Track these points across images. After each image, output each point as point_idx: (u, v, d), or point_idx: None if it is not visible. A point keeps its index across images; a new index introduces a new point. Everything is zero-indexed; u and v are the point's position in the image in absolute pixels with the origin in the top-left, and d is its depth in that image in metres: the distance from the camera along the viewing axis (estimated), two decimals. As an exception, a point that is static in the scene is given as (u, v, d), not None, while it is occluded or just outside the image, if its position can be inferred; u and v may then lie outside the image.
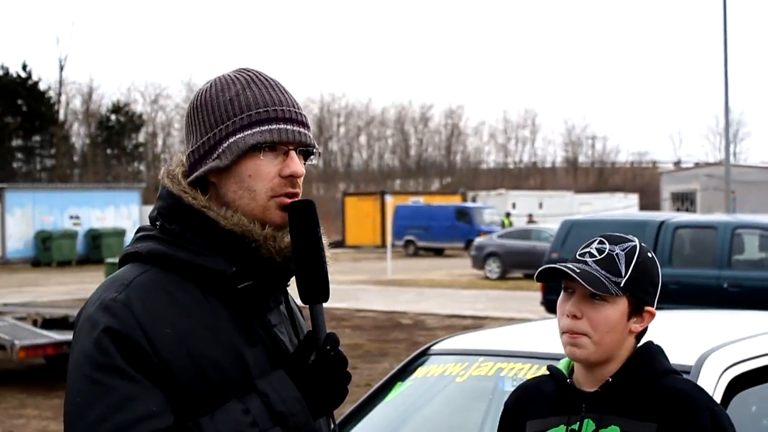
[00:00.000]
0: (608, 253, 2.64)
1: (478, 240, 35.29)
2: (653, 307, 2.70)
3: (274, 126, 2.21)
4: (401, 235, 47.81)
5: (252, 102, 2.22)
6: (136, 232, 2.30)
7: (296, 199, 2.22)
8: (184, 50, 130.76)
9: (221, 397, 2.11)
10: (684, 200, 35.68)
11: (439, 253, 48.15)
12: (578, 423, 2.65)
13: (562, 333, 2.66)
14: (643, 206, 59.43)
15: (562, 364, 2.78)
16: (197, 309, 2.15)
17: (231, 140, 2.19)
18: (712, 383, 3.69)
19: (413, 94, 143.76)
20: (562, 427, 2.68)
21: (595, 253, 2.64)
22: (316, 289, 2.19)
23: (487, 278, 32.23)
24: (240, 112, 2.21)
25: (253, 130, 2.20)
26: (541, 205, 57.74)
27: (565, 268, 2.60)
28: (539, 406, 2.77)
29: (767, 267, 15.16)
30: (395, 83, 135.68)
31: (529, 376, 4.02)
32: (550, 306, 16.09)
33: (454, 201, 54.88)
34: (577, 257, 2.66)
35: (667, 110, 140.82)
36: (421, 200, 53.74)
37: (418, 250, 47.79)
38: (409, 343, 16.92)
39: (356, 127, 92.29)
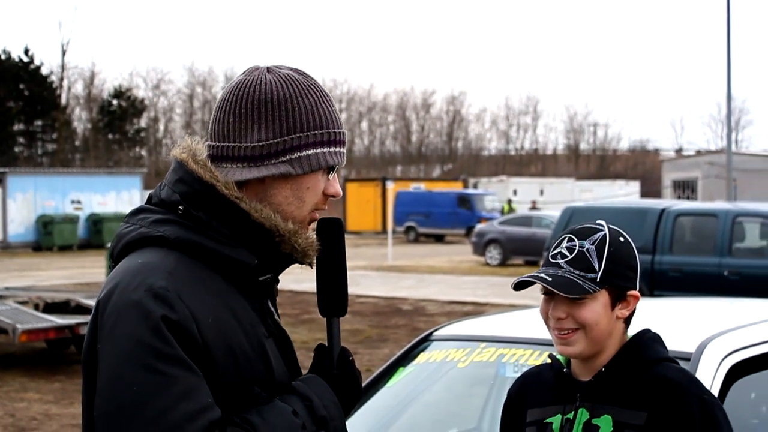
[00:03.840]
0: (579, 250, 2.63)
1: (479, 226, 35.28)
2: (636, 289, 2.69)
3: (340, 149, 2.25)
4: (402, 222, 47.82)
5: (329, 119, 2.23)
6: (137, 212, 2.24)
7: (327, 217, 2.29)
8: (185, 35, 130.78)
9: (248, 390, 2.11)
10: (685, 188, 35.63)
11: (439, 239, 48.15)
12: (573, 412, 2.67)
13: (551, 331, 2.68)
14: (645, 194, 59.40)
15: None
16: (227, 298, 2.14)
17: (309, 152, 2.20)
18: (712, 370, 3.70)
19: (415, 80, 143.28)
20: (559, 416, 2.70)
21: (567, 253, 2.63)
22: (337, 304, 2.30)
23: (487, 265, 32.23)
24: (320, 127, 2.21)
25: (329, 149, 2.23)
26: (542, 192, 57.73)
27: (538, 280, 2.61)
28: (540, 394, 2.79)
29: (767, 255, 15.18)
30: (397, 69, 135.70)
31: (531, 363, 4.05)
32: (550, 293, 16.01)
33: (456, 187, 54.82)
34: (550, 259, 2.66)
35: (669, 98, 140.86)
36: (423, 186, 53.69)
37: (418, 237, 47.80)
38: (409, 329, 16.95)
39: (358, 113, 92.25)
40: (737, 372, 3.86)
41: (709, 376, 3.62)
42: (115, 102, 74.50)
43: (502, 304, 20.56)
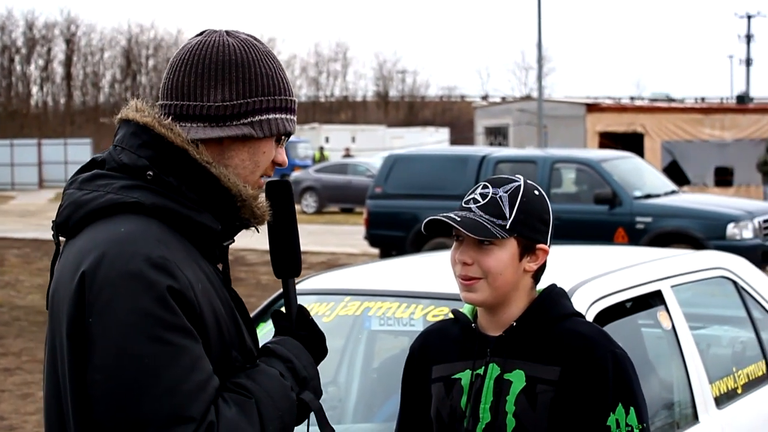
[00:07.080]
0: (492, 196, 2.62)
1: (294, 174, 35.21)
2: (546, 244, 2.68)
3: (294, 117, 2.28)
4: (214, 170, 47.27)
5: (286, 87, 2.25)
6: (93, 179, 2.14)
7: (276, 179, 2.32)
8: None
9: (227, 354, 2.10)
10: (497, 134, 36.28)
11: (253, 187, 47.90)
12: (483, 368, 2.64)
13: (457, 279, 2.65)
14: (455, 140, 60.30)
15: (466, 309, 2.76)
16: (200, 264, 2.12)
17: (270, 116, 2.21)
18: (581, 317, 3.72)
19: (223, 26, 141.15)
20: (468, 372, 2.66)
21: (479, 199, 2.62)
22: (291, 264, 2.32)
23: (304, 213, 32.24)
24: (279, 93, 2.22)
25: (286, 116, 2.25)
26: (354, 139, 57.96)
27: (447, 219, 2.58)
28: (445, 350, 2.75)
29: (582, 200, 15.64)
30: (205, 15, 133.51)
31: (398, 315, 4.00)
32: (373, 240, 16.13)
33: (268, 135, 54.47)
34: (463, 204, 2.65)
35: (475, 45, 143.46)
36: (234, 134, 53.11)
37: (232, 185, 47.43)
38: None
39: (165, 60, 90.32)
40: (603, 318, 3.90)
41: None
42: None
43: (322, 252, 20.68)
